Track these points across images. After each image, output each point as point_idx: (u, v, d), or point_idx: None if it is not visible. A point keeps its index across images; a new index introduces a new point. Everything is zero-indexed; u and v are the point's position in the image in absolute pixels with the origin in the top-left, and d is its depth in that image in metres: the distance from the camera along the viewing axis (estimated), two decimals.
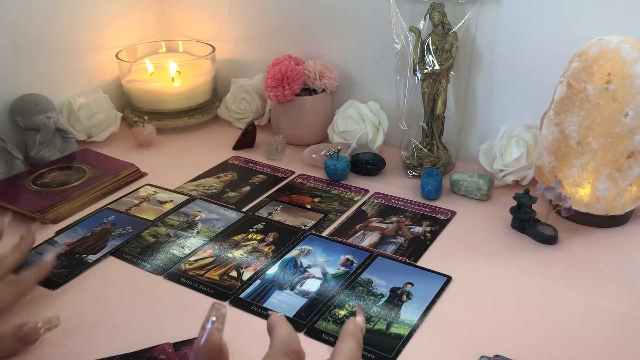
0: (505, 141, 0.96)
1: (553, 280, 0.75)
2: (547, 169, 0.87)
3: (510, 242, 0.83)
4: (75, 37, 1.15)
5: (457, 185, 0.95)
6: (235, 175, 1.03)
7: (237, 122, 1.22)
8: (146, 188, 0.98)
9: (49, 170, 0.99)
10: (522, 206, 0.84)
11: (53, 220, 0.88)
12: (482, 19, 0.96)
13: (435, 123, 1.00)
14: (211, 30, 1.27)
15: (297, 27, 1.16)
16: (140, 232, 0.85)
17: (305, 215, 0.90)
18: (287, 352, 0.41)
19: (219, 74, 1.27)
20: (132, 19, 1.26)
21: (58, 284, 0.75)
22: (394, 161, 1.05)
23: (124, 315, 0.69)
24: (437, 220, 0.89)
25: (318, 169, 1.04)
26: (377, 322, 0.68)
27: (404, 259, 0.79)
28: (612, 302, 0.70)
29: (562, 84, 0.83)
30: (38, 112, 1.04)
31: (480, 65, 1.00)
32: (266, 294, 0.73)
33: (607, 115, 0.78)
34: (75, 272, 0.77)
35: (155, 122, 1.17)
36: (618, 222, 0.86)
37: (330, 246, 0.82)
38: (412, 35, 0.97)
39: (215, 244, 0.83)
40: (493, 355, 0.61)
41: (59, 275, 0.76)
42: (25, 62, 1.07)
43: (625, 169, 0.80)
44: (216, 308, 0.39)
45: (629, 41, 0.78)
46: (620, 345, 0.64)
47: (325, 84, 1.10)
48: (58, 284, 0.74)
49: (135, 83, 1.19)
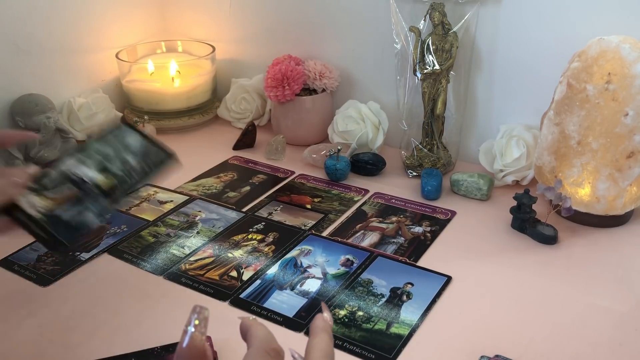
0: (505, 141, 0.96)
1: (553, 280, 0.75)
2: (547, 169, 0.87)
3: (510, 242, 0.83)
4: (75, 37, 1.15)
5: (457, 185, 0.95)
6: (235, 175, 1.03)
7: (237, 122, 1.22)
8: (146, 188, 0.98)
9: None
10: (522, 206, 0.84)
11: None
12: (482, 19, 0.96)
13: (435, 123, 1.00)
14: (211, 30, 1.27)
15: (297, 27, 1.16)
16: (135, 231, 0.86)
17: (305, 215, 0.90)
18: (267, 351, 0.42)
19: (219, 74, 1.27)
20: (132, 19, 1.26)
21: (49, 280, 0.75)
22: (394, 161, 1.05)
23: (123, 315, 0.69)
24: (437, 220, 0.89)
25: (318, 169, 1.04)
26: (377, 322, 0.68)
27: (404, 259, 0.79)
28: (612, 302, 0.70)
29: (562, 84, 0.83)
30: (38, 112, 1.04)
31: (480, 65, 1.00)
32: (266, 294, 0.73)
33: (607, 115, 0.78)
34: (67, 270, 0.77)
35: (155, 122, 1.17)
36: (618, 222, 0.86)
37: (330, 246, 0.82)
38: (412, 35, 0.97)
39: (215, 244, 0.83)
40: (493, 355, 0.61)
41: (51, 273, 0.76)
42: (25, 62, 1.07)
43: (625, 169, 0.80)
44: (198, 311, 0.39)
45: (629, 41, 0.78)
46: (620, 345, 0.64)
47: (325, 84, 1.10)
48: (49, 281, 0.75)
49: (135, 83, 1.19)
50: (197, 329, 0.38)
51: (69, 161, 0.59)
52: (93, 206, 0.57)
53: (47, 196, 0.56)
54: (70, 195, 0.57)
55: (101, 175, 0.59)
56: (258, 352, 0.42)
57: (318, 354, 0.42)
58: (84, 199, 0.57)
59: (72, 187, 0.57)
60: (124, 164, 0.61)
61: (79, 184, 0.57)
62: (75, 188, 0.57)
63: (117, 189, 0.59)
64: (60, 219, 0.55)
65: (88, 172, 0.59)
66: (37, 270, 0.77)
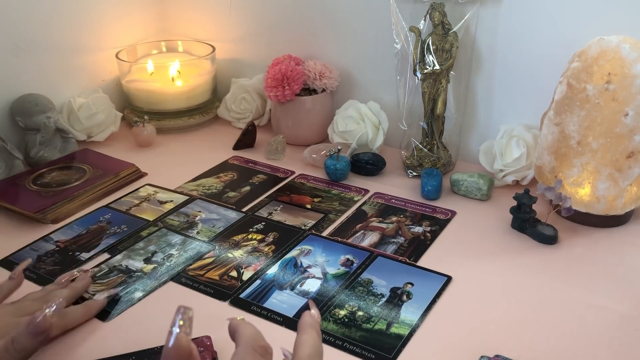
0: (505, 141, 0.96)
1: (553, 280, 0.75)
2: (547, 169, 0.87)
3: (510, 242, 0.83)
4: (75, 37, 1.15)
5: (457, 185, 0.95)
6: (235, 175, 1.03)
7: (237, 122, 1.22)
8: (146, 188, 0.98)
9: (49, 170, 0.99)
10: (522, 206, 0.84)
11: (53, 220, 0.88)
12: (482, 19, 0.96)
13: (435, 123, 1.00)
14: (211, 30, 1.27)
15: (297, 27, 1.16)
16: (135, 231, 0.86)
17: (305, 215, 0.90)
18: (254, 349, 0.42)
19: (219, 74, 1.27)
20: (132, 19, 1.26)
21: (49, 280, 0.74)
22: (394, 161, 1.05)
23: (123, 315, 0.69)
24: (437, 220, 0.89)
25: (318, 169, 1.04)
26: (377, 322, 0.68)
27: (404, 259, 0.79)
28: (612, 302, 0.70)
29: (562, 84, 0.83)
30: (38, 112, 1.04)
31: (480, 65, 1.00)
32: (266, 294, 0.73)
33: (607, 115, 0.78)
34: (67, 270, 0.77)
35: (155, 122, 1.17)
36: (618, 222, 0.86)
37: (330, 246, 0.82)
38: (412, 35, 0.97)
39: (215, 244, 0.83)
40: (493, 355, 0.61)
41: (51, 272, 0.76)
42: (25, 62, 1.07)
43: (625, 169, 0.80)
44: (182, 311, 0.39)
45: (629, 41, 0.78)
46: (620, 345, 0.64)
47: (325, 84, 1.10)
48: (49, 281, 0.74)
49: (135, 83, 1.19)
50: (181, 329, 0.38)
51: None
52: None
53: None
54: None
55: None
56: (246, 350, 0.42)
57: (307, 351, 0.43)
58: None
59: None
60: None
61: None
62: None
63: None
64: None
65: None
66: (37, 270, 0.77)
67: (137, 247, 0.82)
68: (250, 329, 0.44)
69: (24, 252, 0.81)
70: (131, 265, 0.78)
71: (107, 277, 0.76)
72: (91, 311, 0.68)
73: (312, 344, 0.43)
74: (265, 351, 0.43)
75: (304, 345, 0.43)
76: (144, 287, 0.74)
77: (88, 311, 0.68)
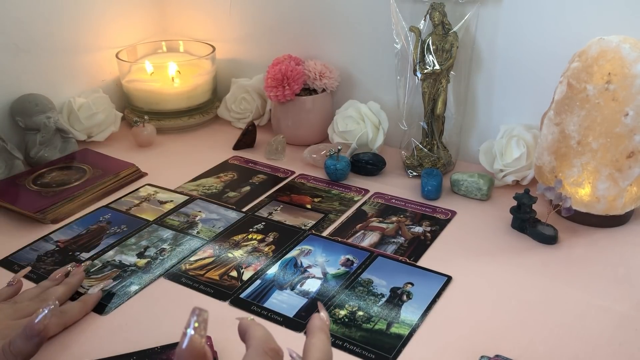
0: (505, 141, 0.96)
1: (553, 280, 0.75)
2: (547, 169, 0.87)
3: (510, 242, 0.83)
4: (75, 37, 1.15)
5: (457, 185, 0.95)
6: (235, 175, 1.03)
7: (237, 122, 1.22)
8: (146, 188, 0.98)
9: (49, 170, 0.99)
10: (522, 206, 0.84)
11: (53, 220, 0.88)
12: (482, 19, 0.96)
13: (435, 123, 1.00)
14: (211, 30, 1.27)
15: (297, 27, 1.16)
16: (135, 231, 0.86)
17: (306, 215, 0.90)
18: (265, 351, 0.42)
19: (219, 74, 1.27)
20: (132, 19, 1.26)
21: None
22: (394, 161, 1.05)
23: (123, 315, 0.69)
24: (437, 220, 0.89)
25: (318, 169, 1.04)
26: (377, 322, 0.68)
27: (404, 259, 0.79)
28: (612, 302, 0.70)
29: (562, 84, 0.83)
30: (38, 112, 1.04)
31: (480, 65, 1.00)
32: (266, 294, 0.73)
33: (607, 115, 0.78)
34: None
35: (155, 122, 1.17)
36: (618, 222, 0.86)
37: (330, 246, 0.82)
38: (412, 35, 0.97)
39: (215, 244, 0.83)
40: (493, 355, 0.61)
41: (51, 272, 0.76)
42: (25, 62, 1.07)
43: (626, 169, 0.80)
44: (197, 313, 0.39)
45: (629, 41, 0.78)
46: (620, 345, 0.64)
47: (325, 84, 1.10)
48: None
49: (135, 83, 1.19)
50: (196, 331, 0.38)
51: None
52: None
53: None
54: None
55: None
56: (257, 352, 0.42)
57: (316, 354, 0.42)
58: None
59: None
60: None
61: None
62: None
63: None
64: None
65: None
66: (37, 270, 0.77)
67: (129, 242, 0.83)
68: (261, 331, 0.43)
69: (24, 252, 0.81)
70: (124, 260, 0.79)
71: (102, 272, 0.76)
72: (88, 306, 0.69)
73: (321, 347, 0.43)
74: (276, 354, 0.42)
75: (313, 349, 0.43)
76: (139, 281, 0.75)
77: (85, 306, 0.69)
